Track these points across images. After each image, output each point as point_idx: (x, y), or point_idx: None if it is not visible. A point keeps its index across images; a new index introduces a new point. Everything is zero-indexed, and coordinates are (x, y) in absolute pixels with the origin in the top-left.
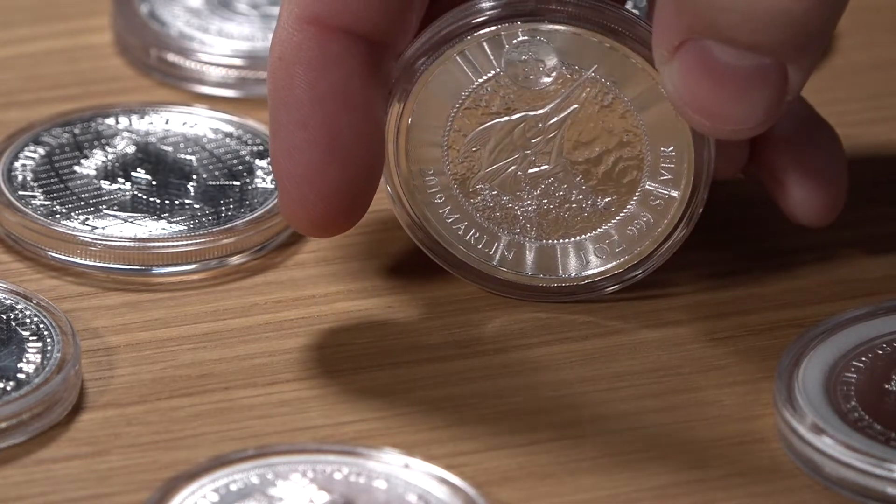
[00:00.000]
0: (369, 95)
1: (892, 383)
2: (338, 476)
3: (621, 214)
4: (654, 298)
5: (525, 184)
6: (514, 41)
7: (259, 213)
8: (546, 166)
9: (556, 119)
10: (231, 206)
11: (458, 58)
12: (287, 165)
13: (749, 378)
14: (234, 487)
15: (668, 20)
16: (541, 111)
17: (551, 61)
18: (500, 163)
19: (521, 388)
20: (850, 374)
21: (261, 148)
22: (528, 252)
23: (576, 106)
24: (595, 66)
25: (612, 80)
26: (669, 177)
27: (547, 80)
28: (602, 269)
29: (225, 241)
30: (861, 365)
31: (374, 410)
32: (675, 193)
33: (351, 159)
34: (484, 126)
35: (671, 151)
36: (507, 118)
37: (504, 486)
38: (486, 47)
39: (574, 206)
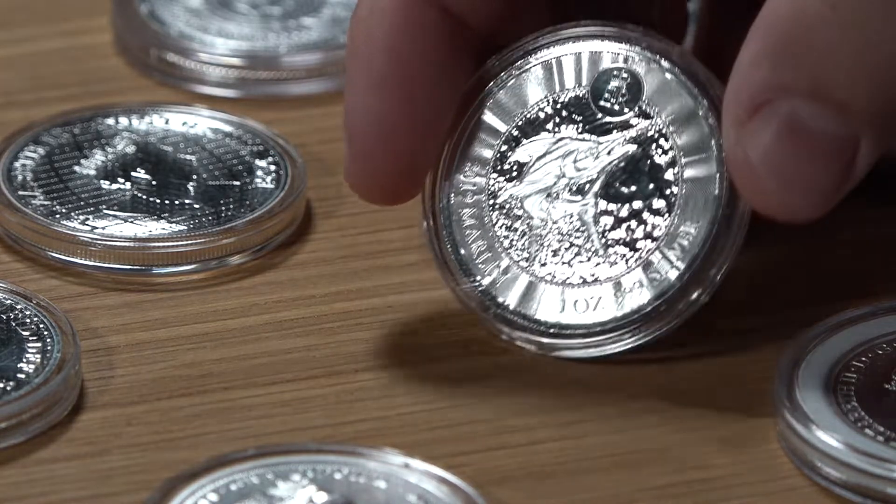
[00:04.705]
0: (451, 67)
1: (892, 383)
2: (338, 476)
3: (616, 275)
4: None
5: (548, 211)
6: (612, 65)
7: (259, 213)
8: (576, 199)
9: (609, 156)
10: (231, 206)
11: (552, 62)
12: (360, 122)
13: (749, 378)
14: (234, 487)
15: (752, 77)
16: (600, 142)
17: (635, 98)
18: (537, 180)
19: (521, 388)
20: (850, 374)
21: (260, 148)
22: (517, 283)
23: (635, 147)
24: (672, 118)
25: (680, 138)
26: (679, 254)
27: (623, 114)
28: (574, 322)
29: (225, 241)
30: (861, 365)
31: (374, 410)
32: (672, 276)
33: (421, 124)
34: (540, 138)
35: (692, 229)
36: (566, 138)
37: (504, 486)
38: (582, 60)
39: (582, 249)
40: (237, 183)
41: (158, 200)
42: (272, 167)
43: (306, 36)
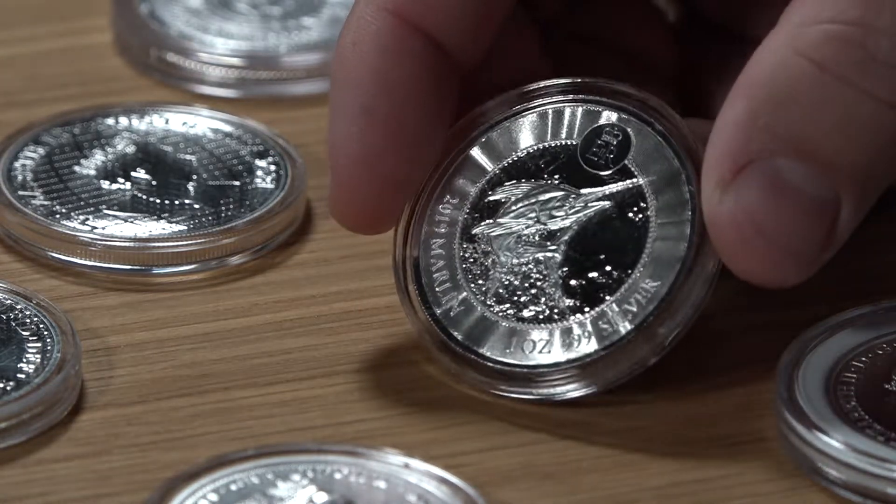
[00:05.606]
0: (437, 97)
1: (892, 383)
2: (338, 476)
3: (569, 321)
4: None
5: (515, 252)
6: (605, 122)
7: (259, 213)
8: (545, 244)
9: (585, 209)
10: (231, 206)
11: (550, 111)
12: (346, 149)
13: (749, 378)
14: (234, 487)
15: (735, 137)
16: (579, 193)
17: (622, 156)
18: (511, 222)
19: None
20: (850, 374)
21: (260, 148)
22: (471, 317)
23: (611, 204)
24: (653, 179)
25: (658, 200)
26: (634, 309)
27: (608, 169)
28: (520, 362)
29: (225, 241)
30: (861, 365)
31: (374, 410)
32: (623, 329)
33: (408, 152)
34: (522, 182)
35: (651, 287)
36: (547, 185)
37: (504, 486)
38: (577, 114)
39: (540, 292)
40: (237, 183)
41: (158, 200)
42: (272, 167)
43: (306, 36)
